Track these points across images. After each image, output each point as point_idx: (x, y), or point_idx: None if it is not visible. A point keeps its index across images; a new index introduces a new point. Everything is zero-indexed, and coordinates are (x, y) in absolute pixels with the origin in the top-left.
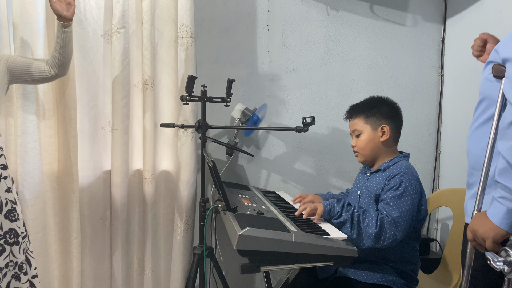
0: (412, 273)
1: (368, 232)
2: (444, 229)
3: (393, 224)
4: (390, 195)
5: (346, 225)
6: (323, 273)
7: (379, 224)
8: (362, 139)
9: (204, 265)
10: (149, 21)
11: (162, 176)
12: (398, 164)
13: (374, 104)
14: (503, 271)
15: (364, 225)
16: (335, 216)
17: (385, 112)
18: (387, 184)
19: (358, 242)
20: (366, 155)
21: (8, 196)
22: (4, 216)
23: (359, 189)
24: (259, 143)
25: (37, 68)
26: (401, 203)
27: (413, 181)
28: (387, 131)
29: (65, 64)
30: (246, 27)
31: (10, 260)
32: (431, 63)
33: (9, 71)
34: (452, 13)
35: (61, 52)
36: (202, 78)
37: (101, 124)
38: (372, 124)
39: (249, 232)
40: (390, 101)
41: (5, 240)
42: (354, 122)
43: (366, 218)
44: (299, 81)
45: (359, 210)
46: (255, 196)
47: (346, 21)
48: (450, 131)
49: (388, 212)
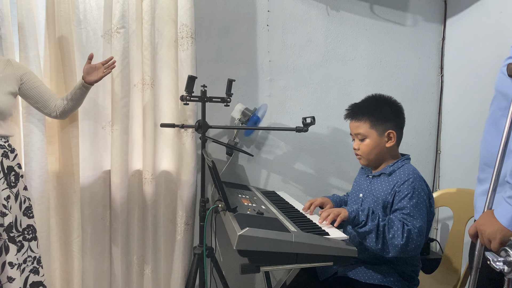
0: (413, 273)
1: (394, 244)
2: (444, 229)
3: (419, 234)
4: (407, 204)
5: (371, 235)
6: (323, 274)
7: (406, 236)
8: (367, 144)
9: (204, 265)
10: (149, 21)
11: (162, 176)
12: (404, 169)
13: (378, 107)
14: (503, 271)
15: (390, 236)
16: (360, 224)
17: (390, 115)
18: (398, 191)
19: (383, 252)
20: (370, 159)
21: (25, 194)
22: (23, 213)
23: (361, 191)
24: (259, 143)
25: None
26: (419, 211)
27: (422, 185)
28: (393, 137)
29: (69, 112)
30: (246, 27)
31: (29, 255)
32: (431, 63)
33: (22, 85)
34: (452, 13)
35: (73, 102)
36: (202, 78)
37: (101, 124)
38: (378, 129)
39: (249, 232)
40: (393, 101)
41: (23, 236)
42: (358, 125)
43: (391, 229)
44: (299, 81)
45: (384, 220)
46: (255, 196)
47: (346, 21)
48: (450, 131)
49: (412, 223)
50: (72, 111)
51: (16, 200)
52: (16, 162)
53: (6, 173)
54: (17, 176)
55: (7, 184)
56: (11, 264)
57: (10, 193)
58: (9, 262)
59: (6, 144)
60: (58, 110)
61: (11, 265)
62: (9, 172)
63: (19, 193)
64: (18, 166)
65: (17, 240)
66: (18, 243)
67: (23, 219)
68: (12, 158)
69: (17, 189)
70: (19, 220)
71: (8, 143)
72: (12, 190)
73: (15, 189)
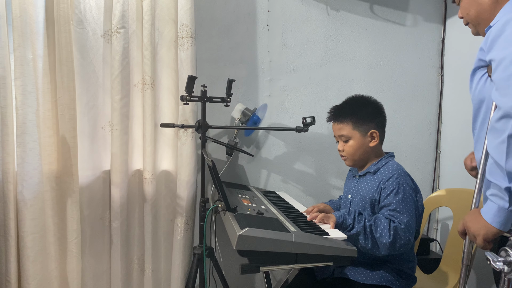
0: (410, 271)
1: (382, 242)
2: (444, 229)
3: (406, 230)
4: (393, 200)
5: (360, 237)
6: (321, 274)
7: (393, 233)
8: (351, 145)
9: (204, 265)
10: (149, 21)
11: (162, 176)
12: (388, 166)
13: (360, 107)
14: (503, 271)
15: (377, 235)
16: (348, 228)
17: (371, 114)
18: (383, 188)
19: (374, 251)
20: (355, 160)
21: None
22: None
23: (350, 192)
24: (259, 143)
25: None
26: (406, 206)
27: (408, 181)
28: (376, 136)
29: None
30: (246, 27)
31: None
32: (431, 63)
33: None
34: (452, 13)
35: None
36: (202, 78)
37: (101, 124)
38: (361, 130)
39: (249, 232)
40: (374, 101)
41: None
42: (341, 127)
43: (378, 228)
44: (299, 81)
45: (370, 220)
46: (255, 196)
47: (346, 21)
48: (450, 131)
49: (399, 219)
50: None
51: None
52: None
53: None
54: None
55: None
56: None
57: None
58: None
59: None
60: None
61: None
62: None
63: None
64: None
65: None
66: None
67: None
68: None
69: None
70: None
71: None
72: None
73: None
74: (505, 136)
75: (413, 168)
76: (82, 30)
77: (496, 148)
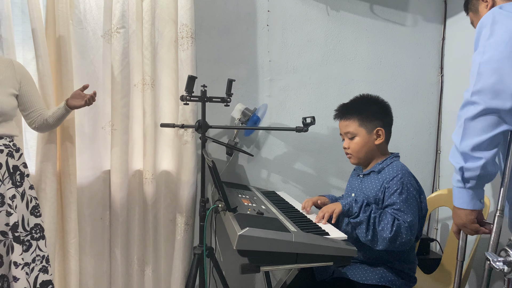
0: (410, 272)
1: (382, 236)
2: (444, 229)
3: (408, 229)
4: (397, 200)
5: (362, 226)
6: (321, 274)
7: (394, 229)
8: (357, 142)
9: (204, 265)
10: (149, 21)
11: (162, 176)
12: (392, 166)
13: (366, 105)
14: (503, 271)
15: (379, 228)
16: (353, 215)
17: (378, 113)
18: (387, 187)
19: (373, 244)
20: (360, 157)
21: (32, 193)
22: (30, 213)
23: (353, 191)
24: (259, 143)
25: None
26: (409, 206)
27: (412, 181)
28: (382, 134)
29: (48, 128)
30: (246, 27)
31: (37, 254)
32: (431, 63)
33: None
34: (452, 13)
35: (53, 120)
36: (202, 78)
37: (101, 124)
38: (367, 127)
39: (249, 232)
40: (381, 100)
41: (31, 235)
42: (347, 124)
43: (382, 221)
44: (299, 81)
45: (376, 212)
46: (255, 196)
47: (346, 21)
48: (450, 131)
49: (403, 218)
50: (51, 128)
51: (22, 200)
52: (21, 162)
53: (11, 173)
54: (23, 175)
55: (13, 183)
56: (16, 264)
57: (15, 192)
58: (13, 262)
59: (11, 143)
60: (38, 123)
61: (15, 264)
62: (15, 171)
63: (25, 192)
64: (23, 166)
65: (25, 239)
66: (26, 243)
67: (30, 218)
68: (17, 158)
69: (23, 188)
70: (26, 219)
71: (13, 142)
72: (17, 189)
73: (20, 189)
74: (462, 120)
75: (413, 168)
76: (82, 30)
77: (455, 133)
